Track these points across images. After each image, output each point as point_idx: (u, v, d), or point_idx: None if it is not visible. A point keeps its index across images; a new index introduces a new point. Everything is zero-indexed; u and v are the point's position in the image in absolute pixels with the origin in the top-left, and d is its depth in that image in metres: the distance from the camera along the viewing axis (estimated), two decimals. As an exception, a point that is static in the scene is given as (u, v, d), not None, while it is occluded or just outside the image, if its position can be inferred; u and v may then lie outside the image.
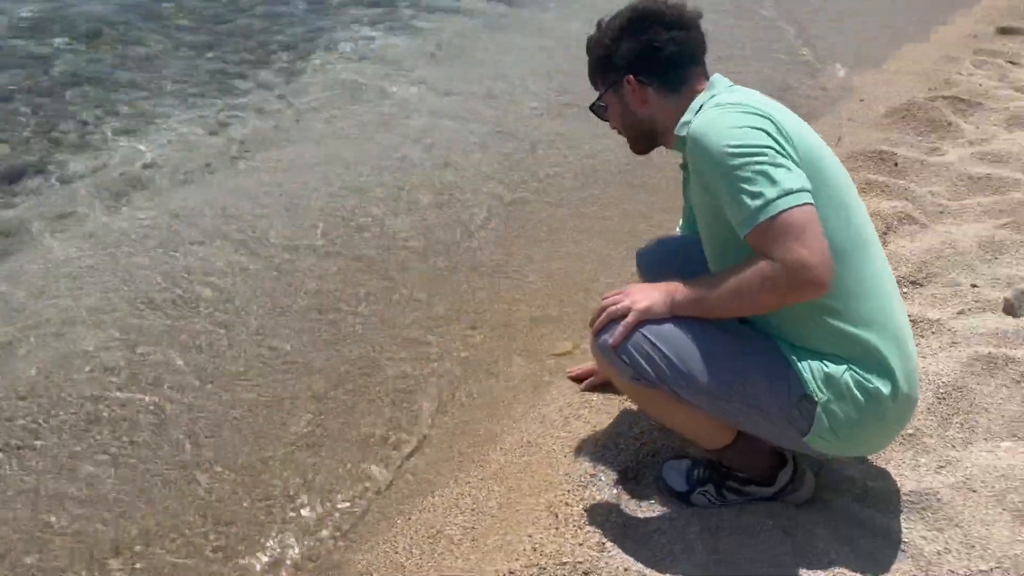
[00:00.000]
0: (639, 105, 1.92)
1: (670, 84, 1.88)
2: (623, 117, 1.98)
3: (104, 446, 2.46)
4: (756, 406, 1.73)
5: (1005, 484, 1.98)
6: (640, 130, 1.97)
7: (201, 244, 3.49)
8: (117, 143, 4.31)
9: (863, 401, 1.68)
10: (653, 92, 1.90)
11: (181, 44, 5.64)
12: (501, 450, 2.46)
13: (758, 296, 1.61)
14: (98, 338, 2.91)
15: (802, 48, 5.98)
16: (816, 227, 1.56)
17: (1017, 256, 2.93)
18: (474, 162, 4.27)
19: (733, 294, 1.64)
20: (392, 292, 3.23)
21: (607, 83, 1.97)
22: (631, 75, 1.89)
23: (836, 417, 1.68)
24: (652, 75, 1.89)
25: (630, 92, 1.91)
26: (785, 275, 1.54)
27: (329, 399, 2.68)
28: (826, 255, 1.55)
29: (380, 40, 5.88)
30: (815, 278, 1.54)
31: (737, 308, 1.69)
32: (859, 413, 1.69)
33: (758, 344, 1.74)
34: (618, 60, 1.92)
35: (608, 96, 1.98)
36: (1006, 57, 5.11)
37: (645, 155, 2.06)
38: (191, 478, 2.37)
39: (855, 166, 3.73)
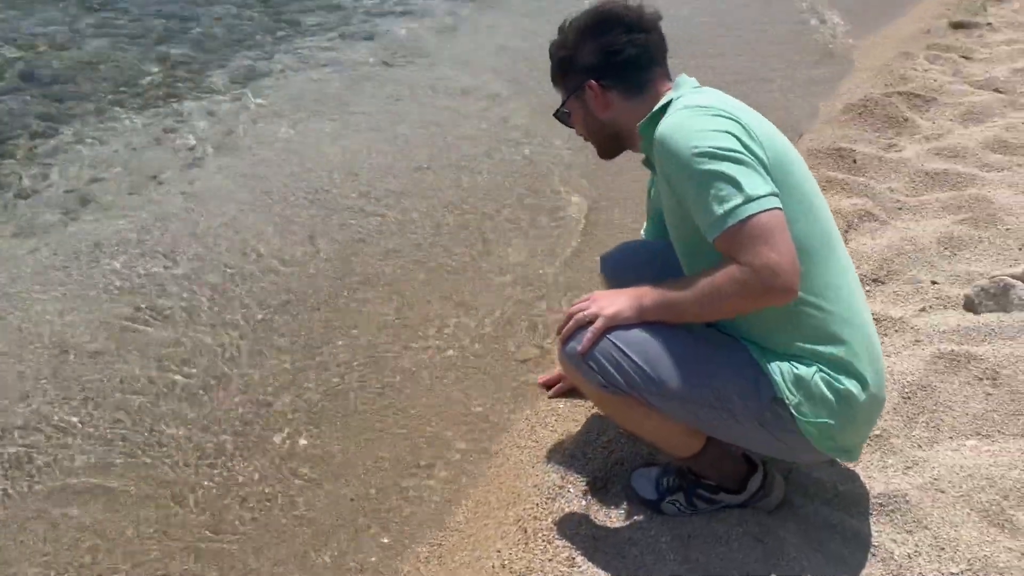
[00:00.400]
0: (602, 109, 1.89)
1: (633, 87, 1.86)
2: (587, 122, 1.95)
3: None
4: (727, 410, 1.71)
5: (972, 484, 1.98)
6: (605, 134, 1.95)
7: (154, 256, 3.39)
8: (66, 154, 4.18)
9: (834, 402, 1.67)
10: (616, 96, 1.87)
11: (130, 51, 5.49)
12: (466, 462, 2.42)
13: (728, 301, 1.59)
14: (38, 363, 2.81)
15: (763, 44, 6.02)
16: (784, 232, 1.54)
17: (975, 252, 2.96)
18: (435, 164, 4.21)
19: (702, 299, 1.62)
20: (350, 300, 3.17)
21: (569, 89, 1.94)
22: (593, 80, 1.87)
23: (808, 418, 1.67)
24: (614, 79, 1.86)
25: (592, 97, 1.88)
26: (755, 280, 1.53)
27: (286, 417, 2.62)
28: (795, 260, 1.54)
29: (336, 47, 5.79)
30: (784, 283, 1.52)
31: (706, 313, 1.67)
32: (830, 414, 1.67)
33: (727, 347, 1.72)
34: (579, 65, 1.89)
35: (571, 102, 1.95)
36: (959, 52, 5.18)
37: (611, 159, 2.03)
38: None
39: (815, 163, 3.74)
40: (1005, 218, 3.06)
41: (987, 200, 3.20)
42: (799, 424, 1.66)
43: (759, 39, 6.10)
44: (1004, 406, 2.24)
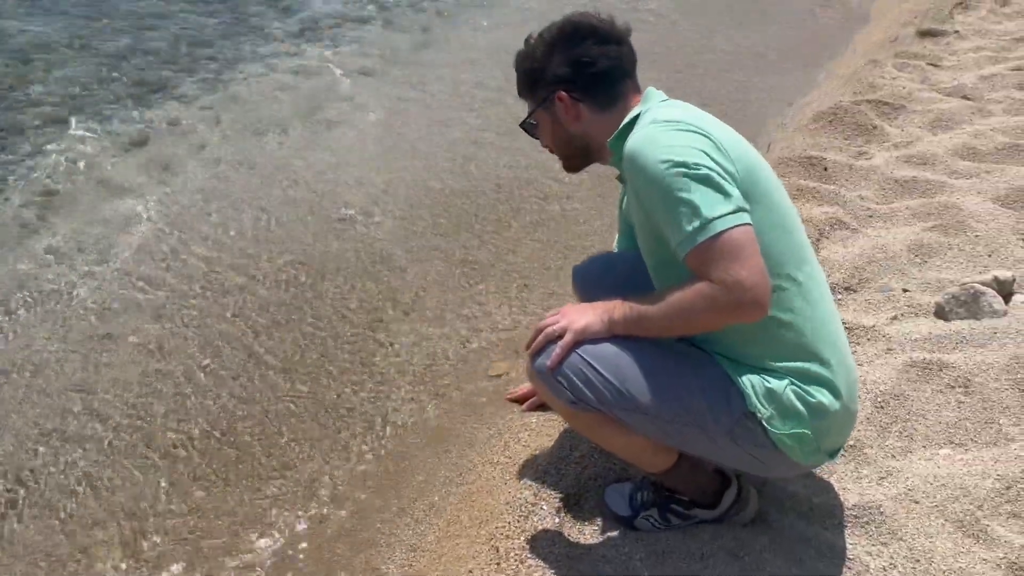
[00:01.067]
0: (572, 121, 1.86)
1: (603, 99, 1.83)
2: (555, 134, 1.91)
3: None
4: (698, 425, 1.68)
5: (946, 494, 1.97)
6: (574, 147, 1.91)
7: (119, 271, 3.32)
8: (31, 161, 4.10)
9: (806, 414, 1.65)
10: (586, 108, 1.84)
11: (97, 57, 5.40)
12: (438, 479, 2.38)
13: (697, 317, 1.57)
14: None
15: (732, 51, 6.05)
16: (754, 248, 1.52)
17: (945, 259, 2.96)
18: (402, 178, 4.17)
19: (672, 315, 1.60)
20: (319, 316, 3.12)
21: (538, 99, 1.90)
22: (563, 91, 1.84)
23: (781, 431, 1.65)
24: (585, 91, 1.83)
25: (562, 108, 1.85)
26: (725, 296, 1.51)
27: (258, 433, 2.56)
28: (764, 276, 1.52)
29: (304, 56, 5.74)
30: (754, 299, 1.51)
31: (676, 328, 1.65)
32: (803, 425, 1.66)
33: (698, 362, 1.70)
34: (549, 75, 1.85)
35: (539, 113, 1.91)
36: (927, 60, 5.22)
37: (577, 172, 2.01)
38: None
39: (785, 172, 3.74)
40: (974, 225, 3.08)
41: (956, 207, 3.22)
42: (772, 437, 1.64)
43: (729, 47, 6.13)
44: (976, 414, 2.23)
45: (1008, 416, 2.22)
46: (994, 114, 4.25)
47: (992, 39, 5.53)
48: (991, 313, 2.59)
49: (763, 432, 1.64)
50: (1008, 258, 2.90)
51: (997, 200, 3.28)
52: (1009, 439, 2.15)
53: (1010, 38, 5.49)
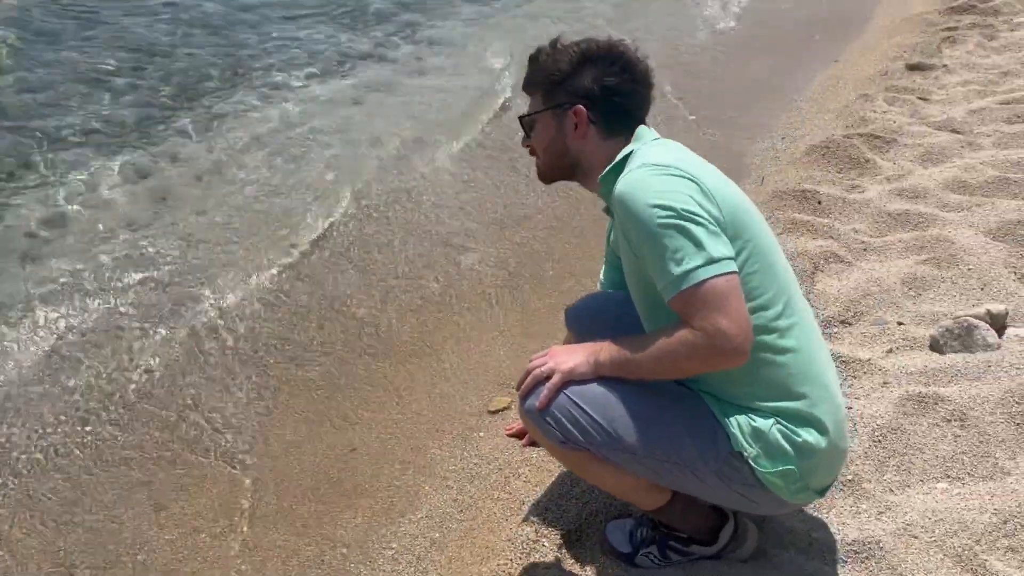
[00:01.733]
0: (576, 137, 1.87)
1: (613, 130, 1.86)
2: (552, 142, 1.90)
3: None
4: (686, 465, 1.71)
5: (944, 528, 1.99)
6: (564, 160, 1.91)
7: (119, 301, 3.34)
8: (31, 194, 4.12)
9: (792, 453, 1.67)
10: (594, 130, 1.86)
11: (98, 89, 5.45)
12: (439, 515, 2.39)
13: (680, 363, 1.62)
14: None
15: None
16: (738, 296, 1.57)
17: (939, 292, 3.00)
18: (402, 210, 4.21)
19: (656, 359, 1.64)
20: (318, 348, 3.14)
21: (550, 103, 1.89)
22: (582, 106, 1.85)
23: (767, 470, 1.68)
24: (601, 115, 1.85)
25: (572, 122, 1.86)
26: (706, 344, 1.55)
27: (264, 467, 2.57)
28: (746, 325, 1.56)
29: (302, 87, 5.79)
30: (735, 348, 1.55)
31: (659, 372, 1.68)
32: (789, 464, 1.68)
33: (684, 402, 1.73)
34: (574, 86, 1.85)
35: (545, 115, 1.91)
36: (917, 93, 5.30)
37: (548, 184, 2.02)
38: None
39: (780, 205, 3.79)
40: (966, 258, 3.12)
41: (948, 240, 3.26)
42: (759, 476, 1.66)
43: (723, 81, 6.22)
44: (973, 448, 2.25)
45: (1004, 450, 2.24)
46: (984, 148, 4.31)
47: (980, 73, 5.62)
48: (985, 346, 2.62)
49: (750, 471, 1.67)
50: (1001, 291, 2.94)
51: (988, 233, 3.32)
52: (1005, 472, 2.17)
53: (998, 72, 5.57)
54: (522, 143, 2.01)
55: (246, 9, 7.20)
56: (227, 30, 6.71)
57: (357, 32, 6.95)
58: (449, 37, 6.95)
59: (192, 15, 6.93)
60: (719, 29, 7.54)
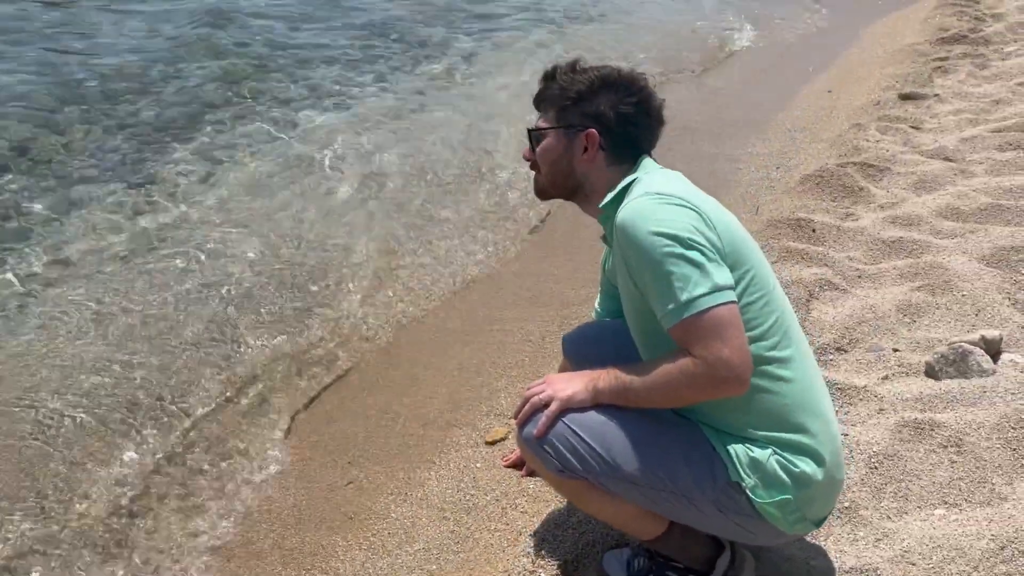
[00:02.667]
0: (583, 160, 1.88)
1: (619, 158, 1.88)
2: (557, 159, 1.91)
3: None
4: (683, 494, 1.71)
5: (941, 555, 1.98)
6: (568, 181, 1.92)
7: (120, 336, 3.35)
8: (32, 231, 4.15)
9: (790, 484, 1.67)
10: (602, 156, 1.87)
11: (97, 125, 5.50)
12: (437, 546, 2.38)
13: (680, 391, 1.63)
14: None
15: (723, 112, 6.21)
16: (738, 326, 1.58)
17: (933, 318, 3.01)
18: (401, 240, 4.24)
19: (655, 387, 1.65)
20: (318, 376, 3.15)
21: (563, 121, 1.90)
22: (595, 130, 1.86)
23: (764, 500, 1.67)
24: (613, 143, 1.87)
25: (582, 143, 1.87)
26: (707, 373, 1.56)
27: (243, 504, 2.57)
28: (746, 354, 1.57)
29: (304, 118, 5.86)
30: (736, 377, 1.56)
31: (658, 400, 1.69)
32: (786, 494, 1.68)
33: (682, 431, 1.73)
34: (590, 108, 1.87)
35: (556, 133, 1.91)
36: (909, 123, 5.35)
37: (545, 200, 2.04)
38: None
39: (775, 234, 3.81)
40: (960, 284, 3.13)
41: (942, 267, 3.28)
42: (756, 506, 1.66)
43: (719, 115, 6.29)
44: (969, 474, 2.25)
45: (1000, 475, 2.23)
46: (976, 175, 4.35)
47: (972, 101, 5.68)
48: (980, 372, 2.62)
49: (747, 501, 1.67)
50: (995, 317, 2.95)
51: (982, 259, 3.34)
52: (1002, 498, 2.17)
53: (989, 100, 5.64)
54: (524, 155, 2.01)
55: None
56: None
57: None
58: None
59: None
60: (716, 60, 7.65)
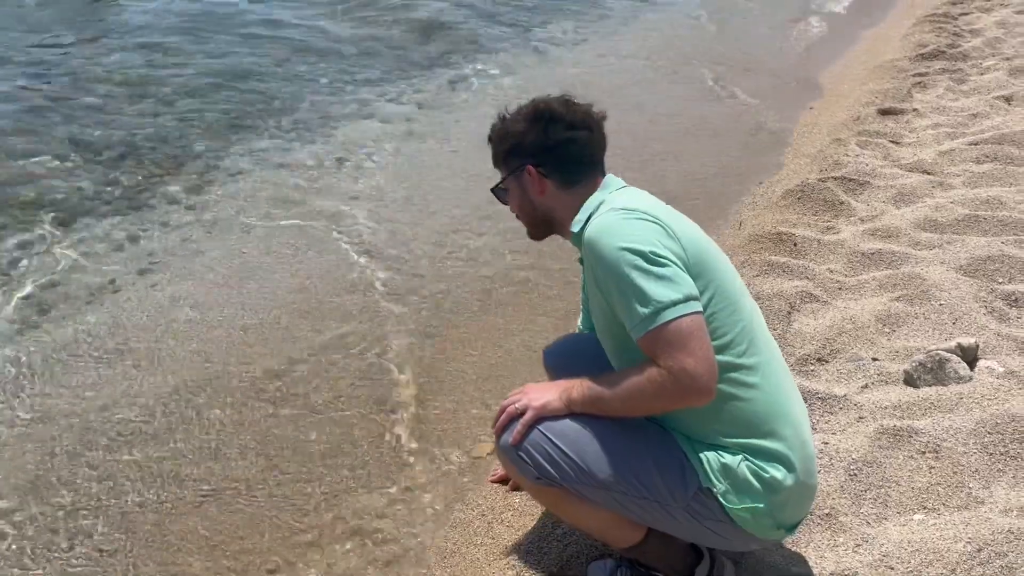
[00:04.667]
0: (537, 194, 1.98)
1: (568, 180, 1.96)
2: (522, 203, 2.03)
3: None
4: (656, 500, 1.74)
5: (920, 559, 2.01)
6: (537, 217, 2.03)
7: (107, 365, 3.37)
8: (19, 260, 4.17)
9: (760, 489, 1.71)
10: (551, 184, 1.96)
11: (86, 154, 5.53)
12: (422, 564, 2.39)
13: (648, 400, 1.67)
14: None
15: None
16: (703, 336, 1.62)
17: (912, 328, 3.06)
18: (392, 268, 4.27)
19: (624, 397, 1.70)
20: (307, 398, 3.17)
21: (509, 169, 2.02)
22: (532, 165, 1.95)
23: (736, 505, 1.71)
24: (552, 169, 1.95)
25: (530, 181, 1.97)
26: (672, 384, 1.61)
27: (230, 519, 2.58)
28: (711, 364, 1.62)
29: (290, 150, 5.90)
30: (700, 387, 1.60)
31: (628, 410, 1.73)
32: (757, 500, 1.71)
33: (655, 438, 1.77)
34: (521, 149, 1.98)
35: (509, 181, 2.03)
36: (889, 137, 5.43)
37: (540, 240, 2.12)
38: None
39: (757, 248, 3.87)
40: (938, 294, 3.18)
41: (920, 277, 3.33)
42: (728, 512, 1.70)
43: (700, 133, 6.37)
44: (947, 479, 2.29)
45: (977, 479, 2.27)
46: (954, 187, 4.42)
47: (950, 116, 5.77)
48: (957, 379, 2.67)
49: (720, 507, 1.70)
50: (971, 325, 3.00)
51: (959, 269, 3.40)
52: (979, 502, 2.20)
53: (967, 114, 5.72)
54: (511, 210, 2.12)
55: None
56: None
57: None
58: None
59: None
60: (696, 77, 7.74)
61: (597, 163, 1.99)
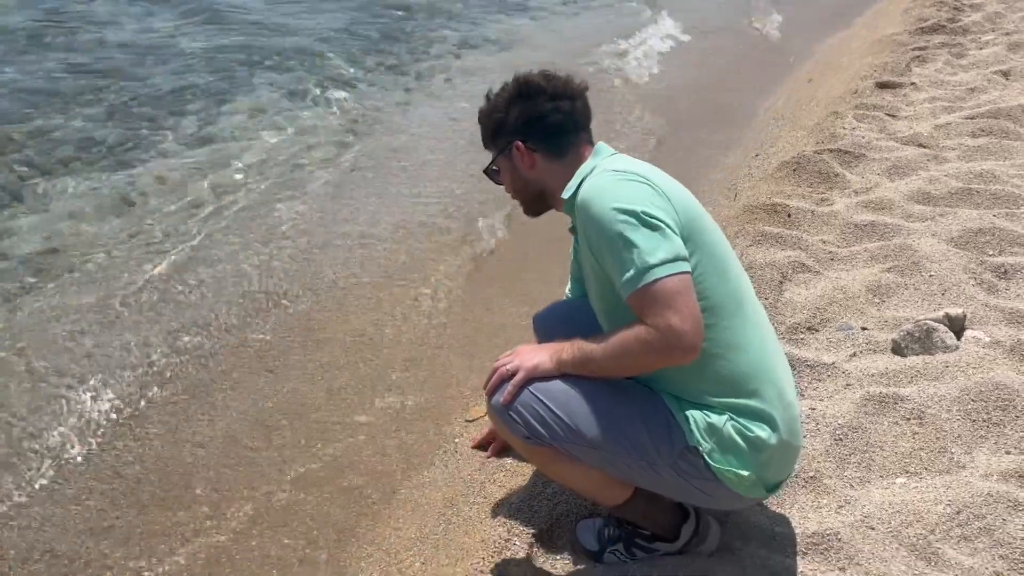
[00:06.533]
0: (527, 169, 2.01)
1: (556, 150, 1.99)
2: (514, 180, 2.07)
3: None
4: (644, 459, 1.78)
5: (900, 519, 2.06)
6: (530, 192, 2.06)
7: (108, 333, 3.40)
8: (15, 223, 4.19)
9: (745, 448, 1.75)
10: (540, 157, 1.99)
11: (79, 116, 5.52)
12: (416, 519, 2.45)
13: (636, 358, 1.70)
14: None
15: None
16: (689, 295, 1.65)
17: (902, 298, 3.09)
18: (392, 239, 4.30)
19: (613, 355, 1.72)
20: (309, 363, 3.21)
21: (498, 148, 2.06)
22: (519, 141, 1.99)
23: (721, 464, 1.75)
24: (539, 141, 1.99)
25: (519, 157, 2.00)
26: (658, 341, 1.64)
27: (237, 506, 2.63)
28: (697, 322, 1.64)
29: (291, 113, 5.89)
30: (685, 344, 1.63)
31: (617, 368, 1.77)
32: (742, 459, 1.75)
33: (643, 398, 1.81)
34: (507, 127, 2.02)
35: (500, 160, 2.07)
36: (886, 110, 5.43)
37: (537, 217, 2.14)
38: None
39: (751, 219, 3.89)
40: (928, 265, 3.21)
41: (911, 249, 3.36)
42: (713, 470, 1.74)
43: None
44: (930, 444, 2.33)
45: (959, 445, 2.32)
46: (948, 160, 4.43)
47: (947, 90, 5.77)
48: (943, 348, 2.71)
49: (705, 465, 1.74)
50: (960, 296, 3.04)
51: (950, 241, 3.43)
52: (960, 466, 2.25)
53: (964, 88, 5.72)
54: (505, 190, 2.15)
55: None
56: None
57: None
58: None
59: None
60: (696, 50, 7.72)
61: (583, 131, 2.02)
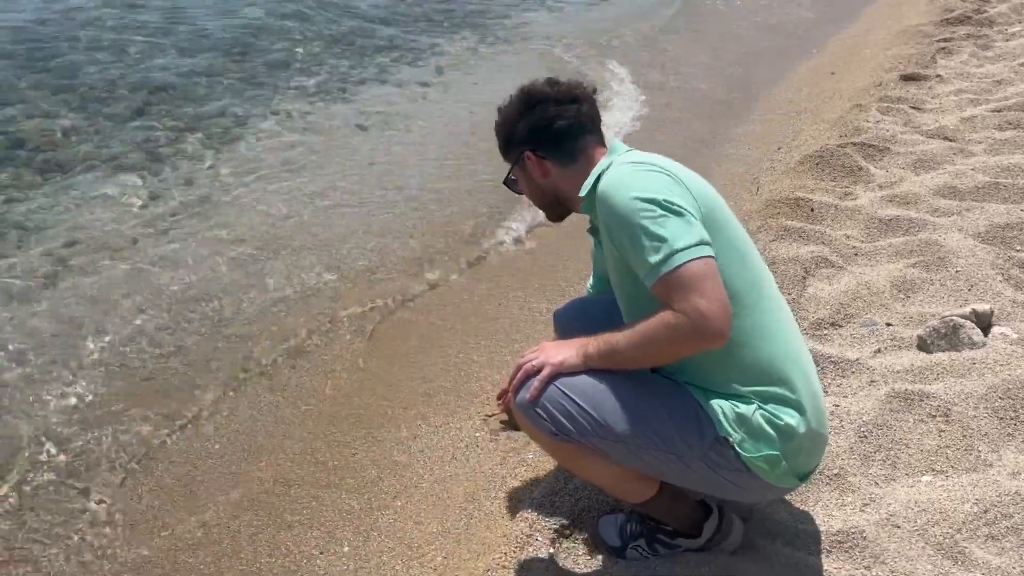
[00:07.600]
0: (541, 177, 2.03)
1: (566, 155, 1.99)
2: (531, 189, 2.09)
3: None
4: (673, 452, 1.77)
5: (926, 518, 2.04)
6: (548, 199, 2.08)
7: (130, 321, 3.43)
8: (41, 218, 4.23)
9: (775, 437, 1.73)
10: (551, 163, 2.01)
11: (104, 115, 5.57)
12: (438, 515, 2.45)
13: (663, 346, 1.68)
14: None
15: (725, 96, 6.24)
16: (716, 279, 1.64)
17: (927, 294, 3.06)
18: (406, 228, 4.30)
19: (640, 345, 1.71)
20: (325, 354, 3.22)
21: (512, 159, 2.08)
22: (529, 151, 2.00)
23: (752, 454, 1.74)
24: (548, 149, 2.00)
25: (531, 166, 2.02)
26: (687, 326, 1.62)
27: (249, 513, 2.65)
28: (725, 306, 1.62)
29: (312, 111, 5.91)
30: (715, 328, 1.61)
31: (645, 358, 1.75)
32: (772, 448, 1.74)
33: (669, 390, 1.79)
34: (518, 138, 2.04)
35: (516, 171, 2.09)
36: (910, 103, 5.37)
37: (560, 222, 2.15)
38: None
39: (773, 213, 3.85)
40: (954, 260, 3.17)
41: (937, 244, 3.32)
42: (744, 460, 1.72)
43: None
44: (956, 442, 2.31)
45: (986, 443, 2.29)
46: (975, 154, 4.37)
47: (974, 82, 5.69)
48: (970, 345, 2.67)
49: (735, 456, 1.73)
50: (987, 292, 3.00)
51: (977, 236, 3.38)
52: (987, 464, 2.23)
53: (991, 80, 5.64)
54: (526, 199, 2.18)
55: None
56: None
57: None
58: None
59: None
60: (720, 45, 7.67)
61: (592, 134, 2.01)
